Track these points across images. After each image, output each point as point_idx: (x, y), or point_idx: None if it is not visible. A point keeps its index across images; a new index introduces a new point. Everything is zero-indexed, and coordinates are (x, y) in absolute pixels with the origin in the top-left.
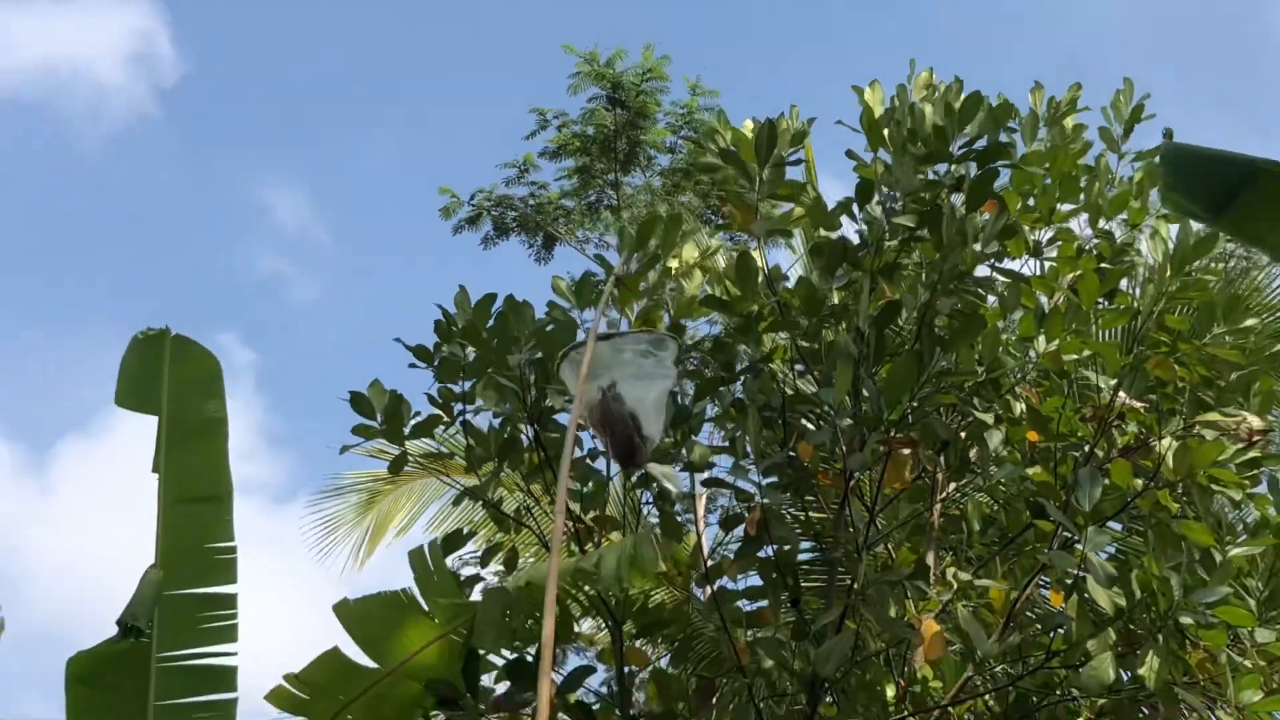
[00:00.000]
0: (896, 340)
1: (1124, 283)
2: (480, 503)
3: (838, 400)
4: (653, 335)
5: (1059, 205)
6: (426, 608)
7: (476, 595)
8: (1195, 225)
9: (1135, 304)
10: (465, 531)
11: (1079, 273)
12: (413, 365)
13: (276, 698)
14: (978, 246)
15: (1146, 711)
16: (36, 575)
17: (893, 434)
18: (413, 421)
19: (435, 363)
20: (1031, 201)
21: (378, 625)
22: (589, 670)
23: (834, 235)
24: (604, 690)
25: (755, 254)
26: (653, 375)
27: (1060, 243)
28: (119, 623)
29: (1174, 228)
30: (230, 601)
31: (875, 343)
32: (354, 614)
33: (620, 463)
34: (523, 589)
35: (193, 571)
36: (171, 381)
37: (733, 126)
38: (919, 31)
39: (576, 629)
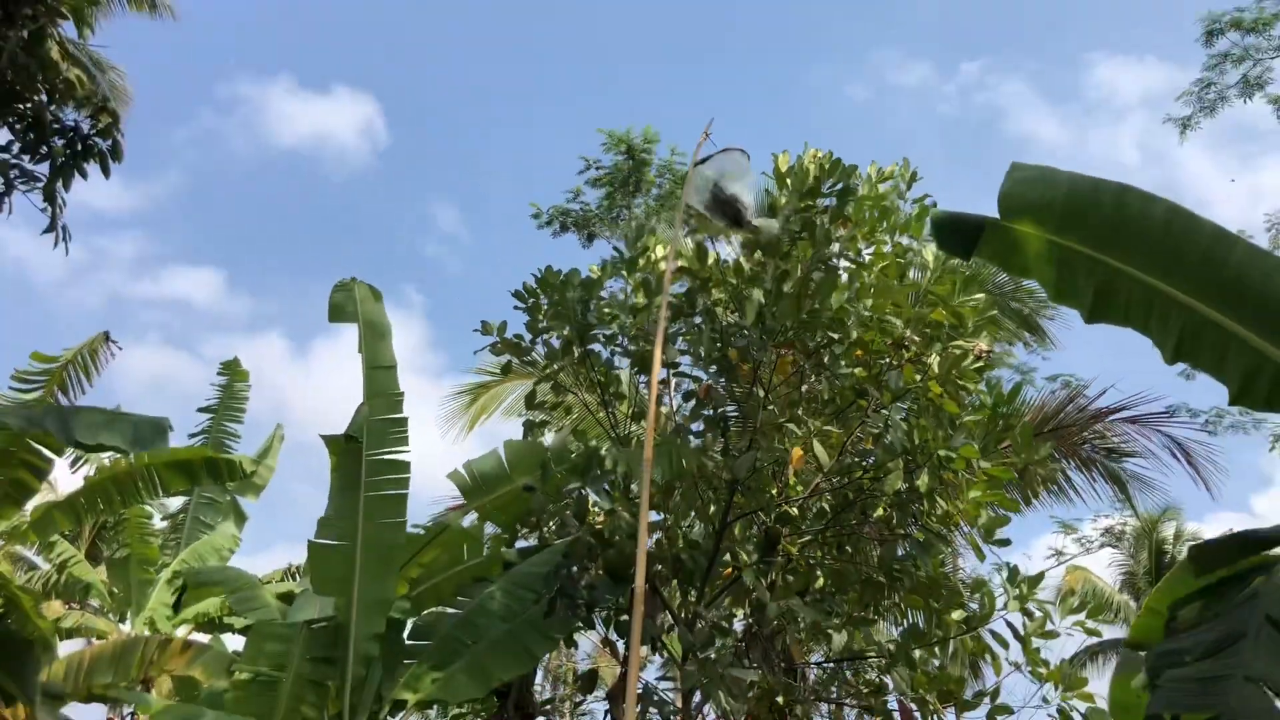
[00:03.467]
0: (784, 294)
1: (913, 273)
2: (548, 384)
3: (751, 324)
4: (734, 156)
5: (880, 224)
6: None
7: (546, 438)
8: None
9: (921, 281)
10: (539, 400)
11: (887, 263)
12: (516, 307)
13: (455, 477)
14: (835, 247)
15: (916, 507)
16: (301, 416)
17: (781, 345)
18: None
19: (528, 304)
20: (862, 225)
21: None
22: None
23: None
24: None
25: (704, 242)
26: (741, 176)
27: (875, 246)
28: (345, 435)
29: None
30: (403, 424)
31: (776, 294)
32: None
33: (731, 224)
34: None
35: (382, 405)
36: (361, 305)
37: None
38: (810, 117)
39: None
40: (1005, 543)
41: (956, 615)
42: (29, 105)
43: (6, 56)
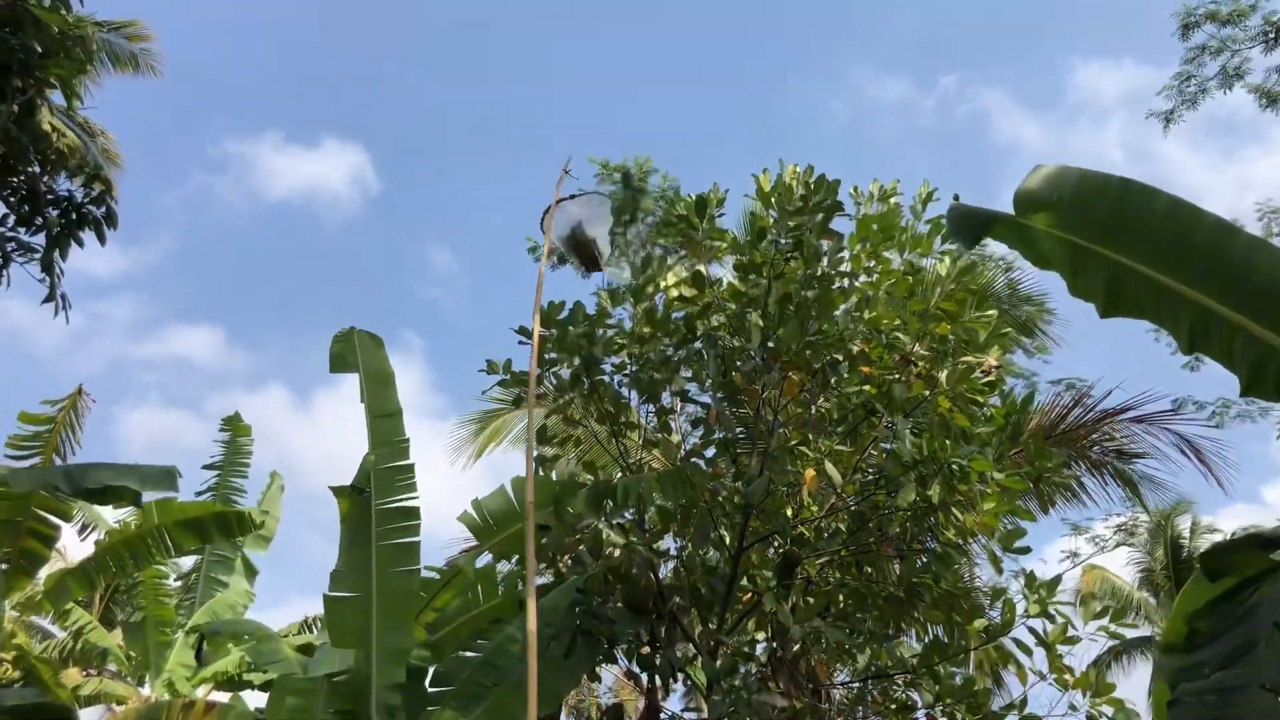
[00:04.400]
0: (785, 314)
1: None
2: (558, 417)
3: (755, 347)
4: (596, 199)
5: (883, 244)
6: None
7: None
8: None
9: (929, 296)
10: (549, 434)
11: (894, 280)
12: (521, 342)
13: (466, 518)
14: (824, 263)
15: (932, 521)
16: (307, 466)
17: (786, 366)
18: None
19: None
20: (866, 244)
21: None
22: None
23: (746, 258)
24: None
25: (702, 269)
26: (600, 220)
27: (881, 265)
28: (352, 486)
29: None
30: (409, 470)
31: (777, 316)
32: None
33: (586, 267)
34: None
35: (388, 453)
36: (361, 354)
37: (684, 198)
38: (791, 135)
39: None
40: (1025, 551)
41: (978, 625)
42: (23, 177)
43: None
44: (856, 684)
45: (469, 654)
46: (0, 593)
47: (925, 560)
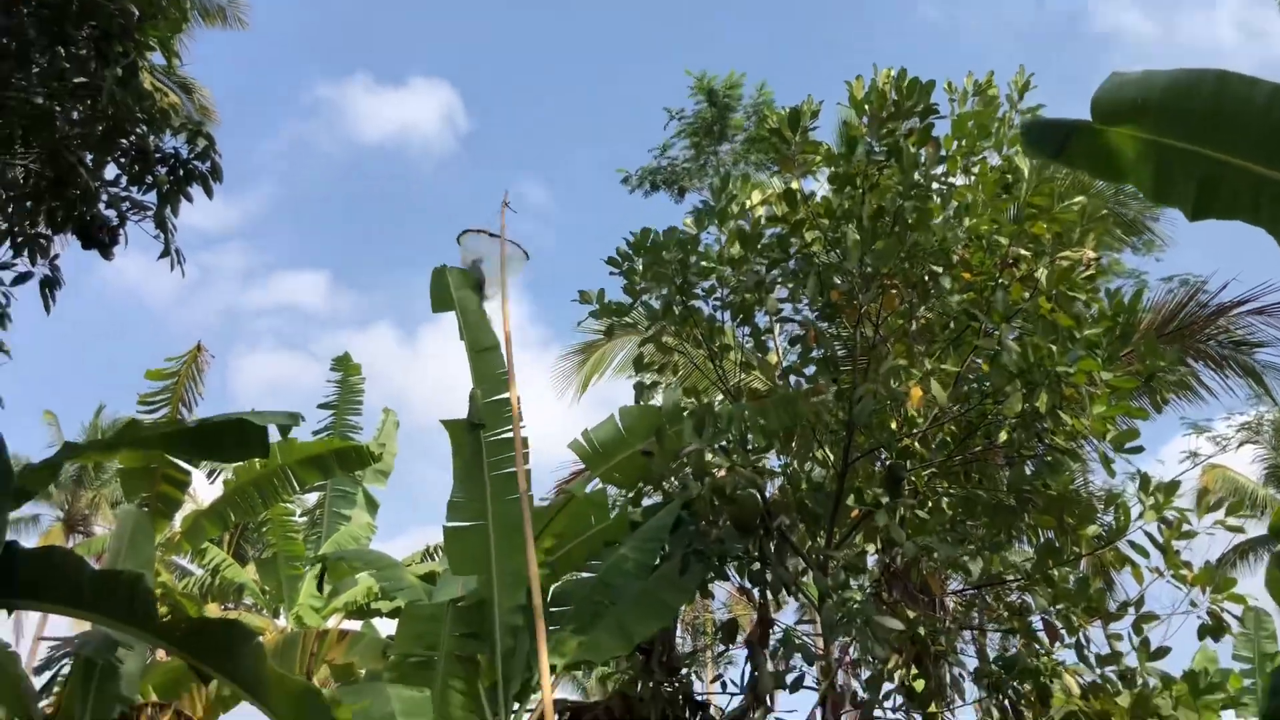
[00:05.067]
0: (881, 228)
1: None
2: (652, 345)
3: (855, 262)
4: (511, 245)
5: (980, 142)
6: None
7: (658, 399)
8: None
9: (1019, 194)
10: (646, 361)
11: (987, 180)
12: (612, 272)
13: (575, 446)
14: (919, 171)
15: (1040, 427)
16: (418, 401)
17: (885, 280)
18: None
19: (624, 269)
20: (962, 142)
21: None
22: None
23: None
24: None
25: (795, 185)
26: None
27: (978, 164)
28: (467, 420)
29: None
30: (523, 443)
31: (873, 229)
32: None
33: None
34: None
35: (492, 387)
36: (456, 291)
37: (776, 112)
38: (880, 41)
39: None
40: (1138, 450)
41: (1091, 530)
42: (132, 139)
43: (106, 94)
44: (970, 591)
45: (584, 575)
46: (147, 534)
47: (1034, 467)
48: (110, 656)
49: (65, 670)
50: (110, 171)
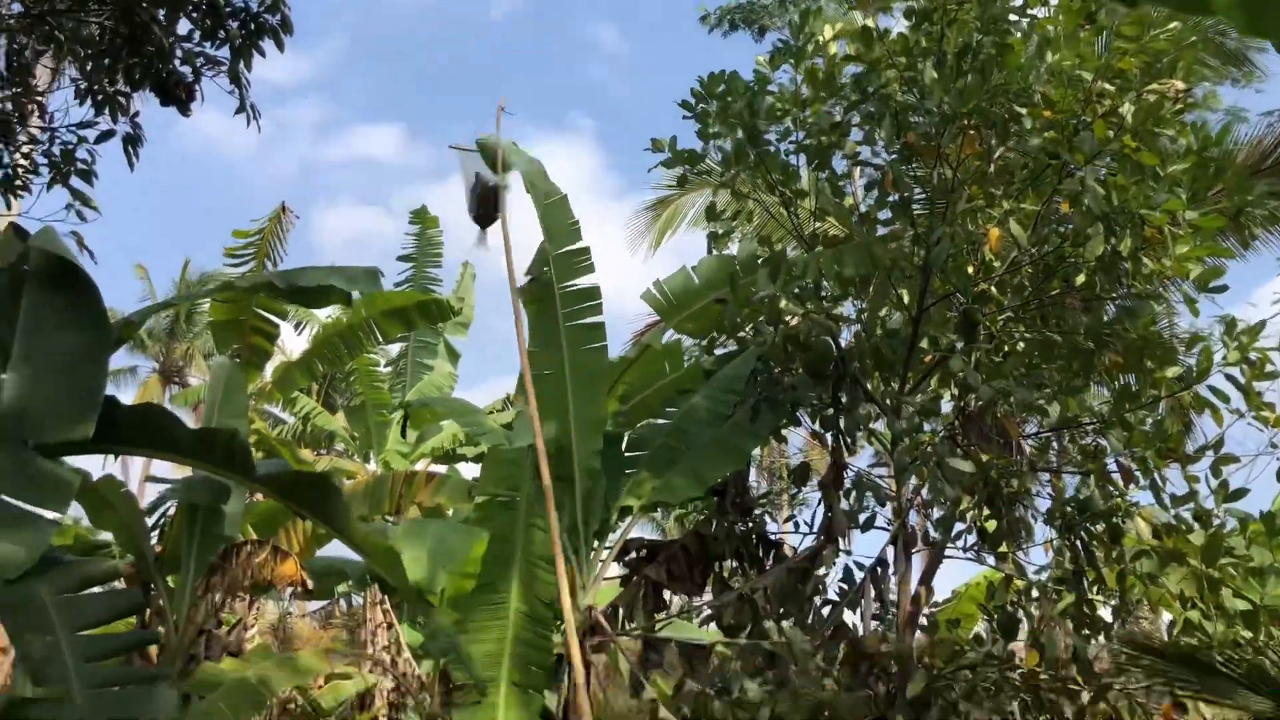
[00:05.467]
0: (961, 66)
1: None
2: (728, 191)
3: (936, 101)
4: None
5: None
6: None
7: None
8: None
9: (1104, 25)
10: (719, 210)
11: (1070, 11)
12: (685, 116)
13: (649, 297)
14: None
15: (1122, 269)
16: (494, 252)
17: (965, 121)
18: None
19: (696, 113)
20: None
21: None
22: None
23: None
24: None
25: (871, 23)
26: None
27: None
28: (527, 275)
29: None
30: (585, 253)
31: (955, 68)
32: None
33: (487, 217)
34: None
35: (562, 238)
36: (510, 155)
37: None
38: None
39: None
40: (1221, 290)
41: (1171, 373)
42: None
43: None
44: (1046, 434)
45: (659, 421)
46: (240, 385)
47: (1114, 310)
48: (213, 500)
49: (170, 511)
50: (183, 27)
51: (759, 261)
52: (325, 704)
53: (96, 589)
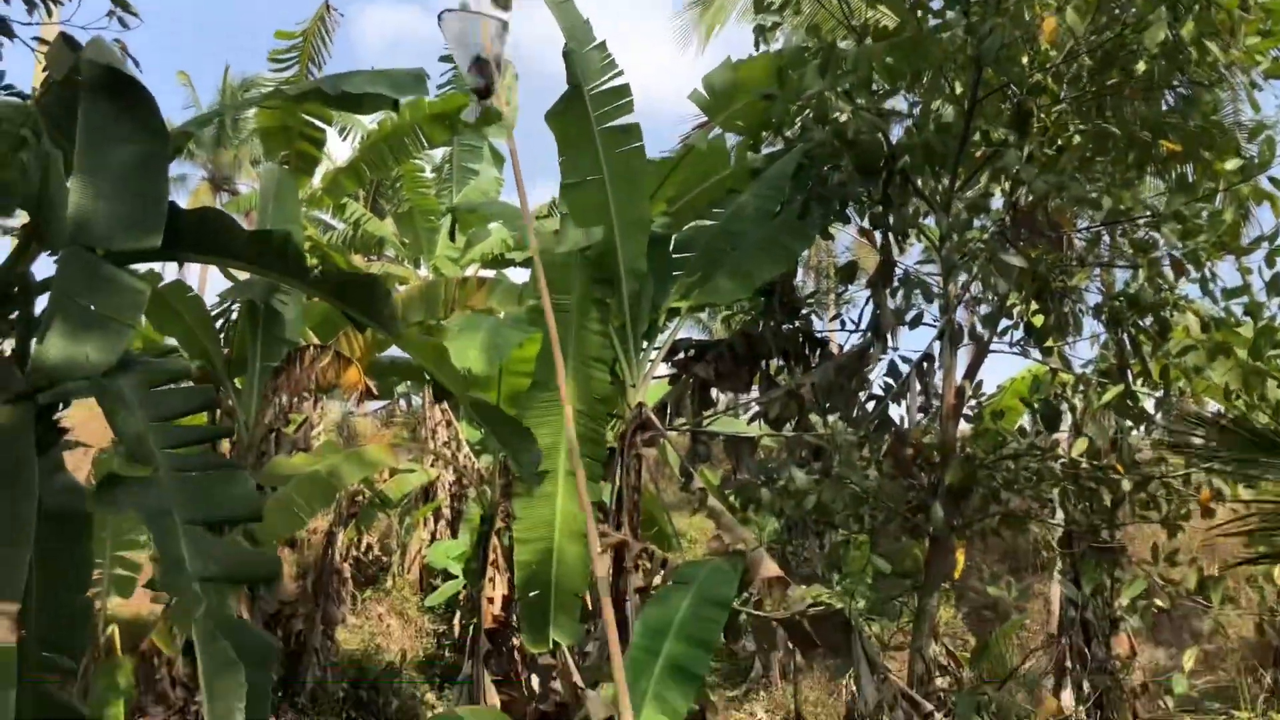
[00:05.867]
0: None
1: None
2: None
3: None
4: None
5: None
6: None
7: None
8: None
9: None
10: (766, 1)
11: None
12: None
13: (695, 96)
14: None
15: (1184, 58)
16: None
17: None
18: None
19: None
20: None
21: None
22: None
23: None
24: None
25: None
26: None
27: None
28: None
29: None
30: (604, 49)
31: None
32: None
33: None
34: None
35: (579, 38)
36: None
37: None
38: None
39: None
40: None
41: (1231, 165)
42: None
43: None
44: (1097, 228)
45: (706, 222)
46: (291, 191)
47: (1174, 101)
48: (272, 299)
49: (234, 318)
50: None
51: (807, 55)
52: (391, 495)
53: (170, 386)
